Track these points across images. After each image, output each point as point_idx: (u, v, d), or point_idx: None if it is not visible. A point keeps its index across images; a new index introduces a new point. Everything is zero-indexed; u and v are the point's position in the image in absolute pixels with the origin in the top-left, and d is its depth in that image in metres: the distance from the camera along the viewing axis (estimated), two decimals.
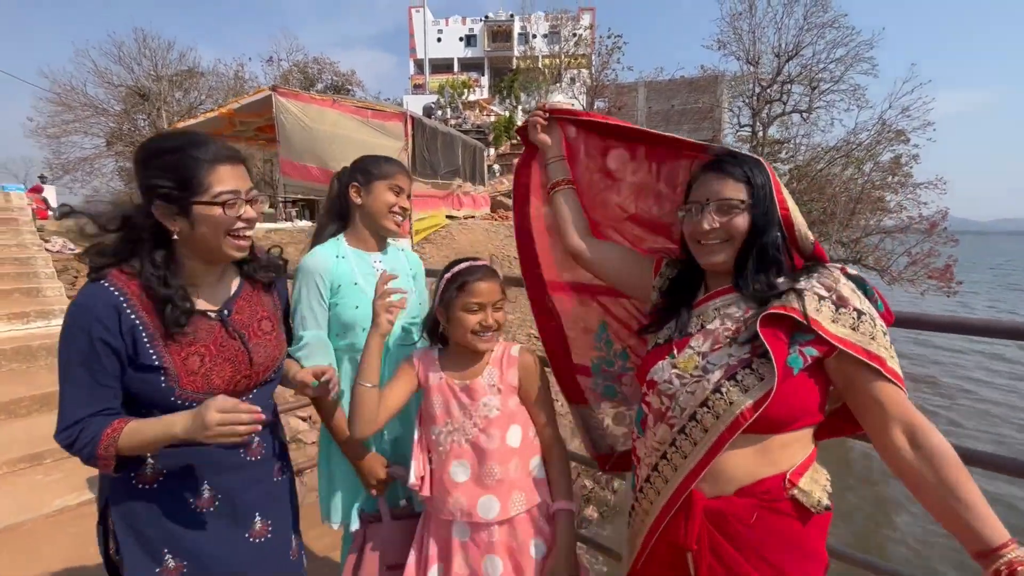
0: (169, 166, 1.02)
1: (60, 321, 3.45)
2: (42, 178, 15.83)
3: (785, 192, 1.01)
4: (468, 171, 15.42)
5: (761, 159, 1.05)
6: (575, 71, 28.18)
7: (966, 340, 14.57)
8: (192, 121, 13.21)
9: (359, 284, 1.50)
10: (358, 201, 1.55)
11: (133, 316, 1.03)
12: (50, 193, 10.46)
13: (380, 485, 1.50)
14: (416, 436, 1.36)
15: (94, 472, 2.61)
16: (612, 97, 24.88)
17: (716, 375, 0.95)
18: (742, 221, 1.00)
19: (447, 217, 13.14)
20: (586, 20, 33.40)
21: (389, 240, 1.67)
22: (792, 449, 0.95)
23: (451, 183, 13.88)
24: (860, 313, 0.90)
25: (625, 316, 1.45)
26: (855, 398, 0.92)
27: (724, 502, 0.95)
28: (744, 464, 0.94)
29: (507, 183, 19.04)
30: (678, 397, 0.99)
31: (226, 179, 1.04)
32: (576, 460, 1.81)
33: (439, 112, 20.93)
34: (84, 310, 1.01)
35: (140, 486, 1.10)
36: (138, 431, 1.02)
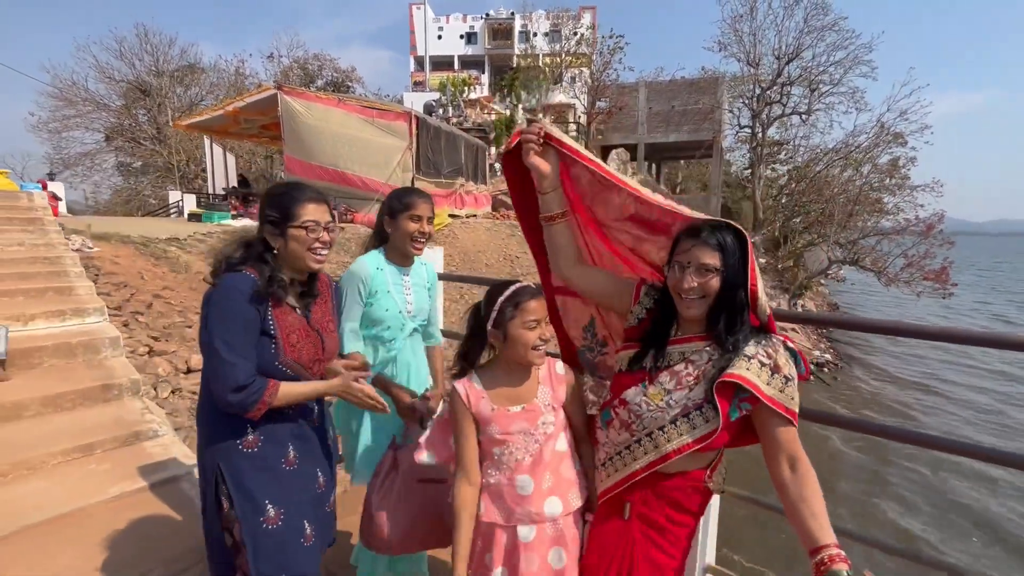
0: (277, 203, 1.42)
1: (94, 319, 3.56)
2: (50, 175, 15.82)
3: (757, 268, 1.26)
4: (471, 170, 15.53)
5: (742, 229, 1.26)
6: (576, 70, 28.28)
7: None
8: (197, 118, 13.24)
9: (390, 292, 1.93)
10: (389, 230, 1.94)
11: (262, 296, 1.37)
12: (58, 188, 10.51)
13: (407, 410, 1.87)
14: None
15: (145, 461, 2.79)
16: (613, 97, 25.01)
17: (675, 411, 1.26)
18: (715, 283, 1.25)
19: (449, 216, 13.26)
20: (587, 19, 33.49)
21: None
22: (711, 454, 1.32)
23: (454, 182, 13.99)
24: (787, 380, 1.21)
25: (611, 320, 1.65)
26: (764, 434, 1.24)
27: (661, 476, 1.29)
28: (680, 462, 1.27)
29: None
30: (643, 418, 1.28)
31: (311, 212, 1.42)
32: None
33: (440, 110, 20.99)
34: (238, 291, 1.34)
35: (245, 450, 1.40)
36: (292, 388, 1.40)
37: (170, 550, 2.15)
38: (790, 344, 1.27)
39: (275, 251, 1.43)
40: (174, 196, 15.29)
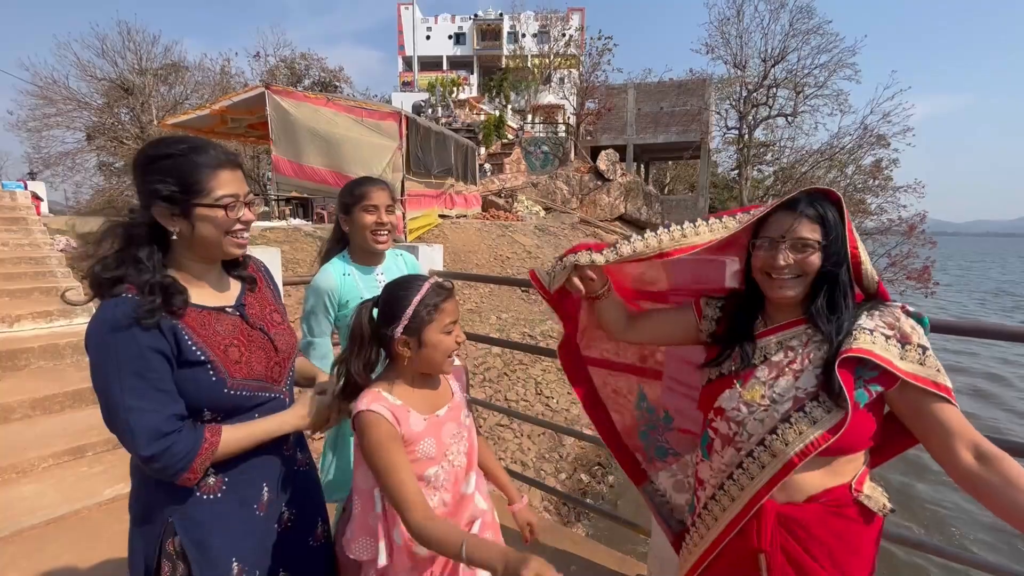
0: (171, 170, 1.02)
1: (82, 320, 3.53)
2: (31, 174, 15.49)
3: (855, 232, 1.06)
4: (460, 170, 15.50)
5: (837, 193, 1.07)
6: (565, 71, 28.39)
7: None
8: (183, 117, 13.06)
9: (364, 297, 1.68)
10: (346, 229, 1.77)
11: (168, 318, 1.01)
12: (39, 187, 10.29)
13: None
14: (376, 510, 1.17)
15: None
16: (602, 98, 25.16)
17: (785, 406, 1.03)
18: (815, 259, 1.04)
19: (439, 216, 13.22)
20: (576, 21, 33.64)
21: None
22: (855, 463, 1.05)
23: (444, 182, 13.96)
24: (924, 349, 0.98)
25: (658, 389, 1.47)
26: (921, 422, 0.99)
27: (794, 508, 1.03)
28: (811, 478, 1.02)
29: (497, 183, 19.16)
30: (746, 424, 1.06)
31: (227, 183, 1.06)
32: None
33: (429, 110, 20.95)
34: (118, 328, 0.96)
35: (204, 496, 1.07)
36: (245, 433, 1.07)
37: None
38: (910, 309, 1.04)
39: (173, 237, 1.05)
40: None
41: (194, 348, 1.03)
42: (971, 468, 0.92)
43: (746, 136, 22.21)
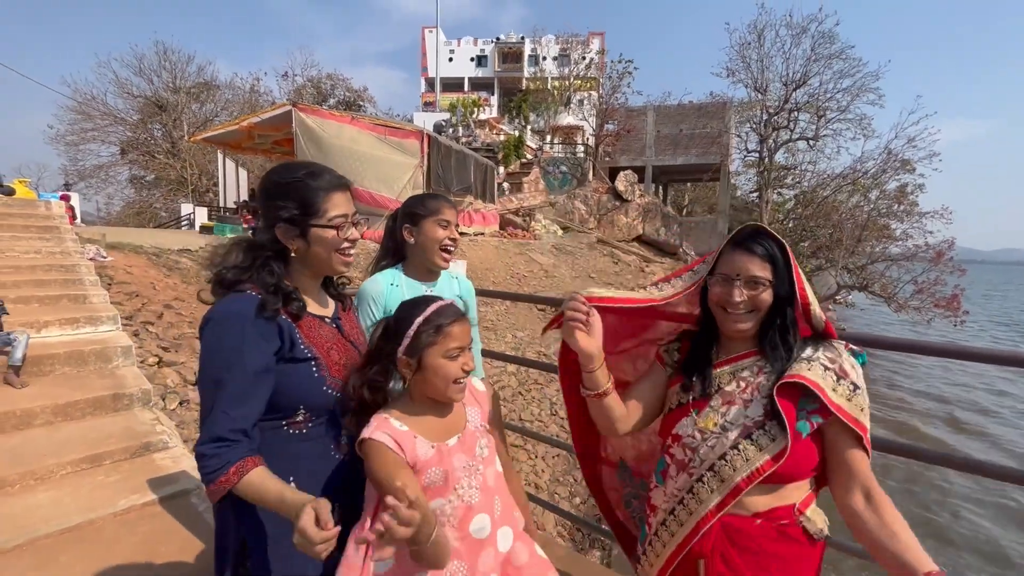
0: (292, 194, 1.13)
1: (107, 327, 3.54)
2: (66, 185, 16.08)
3: (801, 273, 1.14)
4: (479, 189, 15.66)
5: (781, 239, 1.14)
6: (584, 93, 28.73)
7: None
8: (211, 133, 13.49)
9: None
10: (411, 240, 1.69)
11: (284, 317, 1.12)
12: (74, 199, 10.66)
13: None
14: (360, 526, 1.09)
15: (155, 474, 2.73)
16: (621, 120, 25.34)
17: (734, 433, 1.09)
18: (767, 296, 1.12)
19: (458, 233, 13.33)
20: (596, 44, 34.14)
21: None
22: (800, 489, 1.12)
23: (463, 200, 14.10)
24: (855, 387, 1.06)
25: (637, 455, 1.50)
26: (833, 457, 1.08)
27: (739, 519, 1.09)
28: (758, 500, 1.09)
29: (515, 201, 19.30)
30: (699, 450, 1.13)
31: (338, 204, 1.16)
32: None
33: (450, 130, 21.32)
34: (240, 316, 1.05)
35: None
36: (262, 484, 1.00)
37: (181, 567, 2.08)
38: (854, 348, 1.13)
39: (292, 255, 1.16)
40: (186, 208, 15.48)
41: (303, 347, 1.13)
42: (857, 507, 1.03)
43: (766, 159, 22.07)
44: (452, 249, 1.70)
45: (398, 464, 1.06)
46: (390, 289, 1.65)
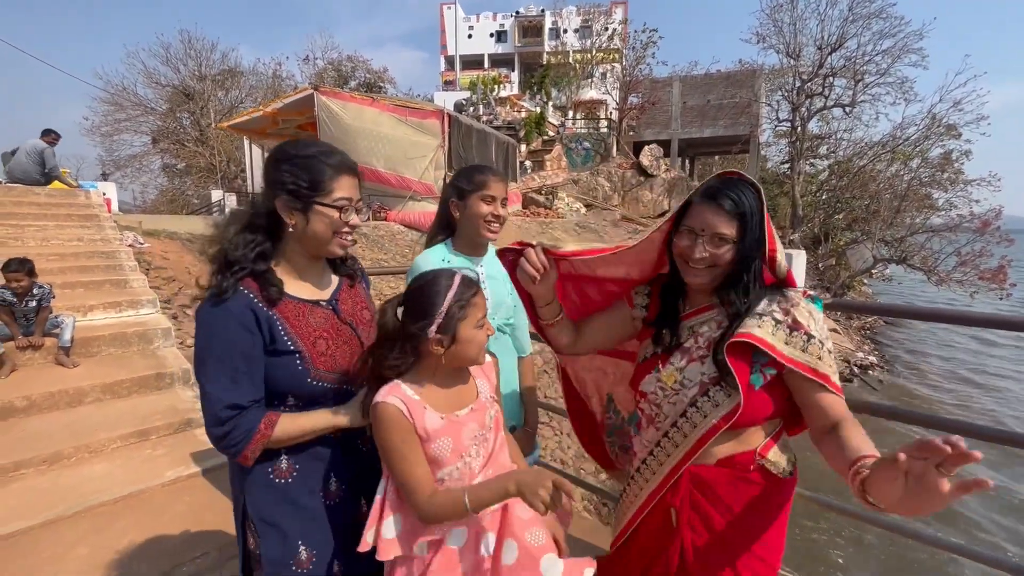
0: (302, 167, 1.12)
1: (147, 310, 3.70)
2: (104, 175, 16.66)
3: (771, 225, 1.12)
4: (501, 167, 15.55)
5: (756, 183, 1.11)
6: (607, 66, 27.94)
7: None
8: (238, 119, 13.68)
9: None
10: (457, 215, 1.70)
11: (266, 310, 1.11)
12: (109, 188, 11.03)
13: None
14: (381, 492, 1.15)
15: (197, 448, 2.87)
16: (646, 92, 24.61)
17: (692, 391, 1.13)
18: (729, 254, 1.10)
19: None
20: (619, 14, 33.04)
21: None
22: (761, 433, 1.15)
23: None
24: (810, 336, 1.07)
25: (626, 391, 1.52)
26: (802, 402, 1.10)
27: (704, 469, 1.15)
28: (721, 447, 1.14)
29: (538, 179, 19.08)
30: (663, 406, 1.18)
31: (345, 187, 1.15)
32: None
33: (471, 108, 21.10)
34: (223, 312, 1.07)
35: (276, 480, 1.14)
36: (297, 421, 1.11)
37: (224, 536, 2.20)
38: (811, 294, 1.13)
39: (289, 230, 1.14)
40: (216, 195, 15.88)
41: (286, 339, 1.12)
42: (823, 437, 1.04)
43: (799, 128, 21.15)
44: (497, 225, 1.69)
45: (405, 428, 1.09)
46: (441, 264, 1.66)
